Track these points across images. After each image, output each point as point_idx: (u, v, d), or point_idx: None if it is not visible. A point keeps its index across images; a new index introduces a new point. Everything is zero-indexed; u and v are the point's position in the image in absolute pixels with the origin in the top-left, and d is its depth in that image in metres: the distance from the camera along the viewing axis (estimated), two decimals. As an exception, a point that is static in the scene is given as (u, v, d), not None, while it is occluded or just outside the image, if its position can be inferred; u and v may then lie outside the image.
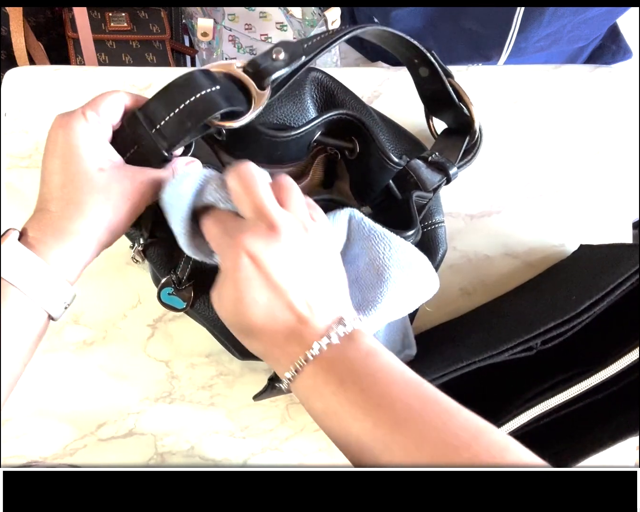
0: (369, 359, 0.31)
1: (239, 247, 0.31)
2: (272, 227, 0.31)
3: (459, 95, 0.48)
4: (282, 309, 0.31)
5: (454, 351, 0.45)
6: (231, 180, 0.33)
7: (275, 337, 0.32)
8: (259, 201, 0.32)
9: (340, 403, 0.30)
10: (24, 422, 0.51)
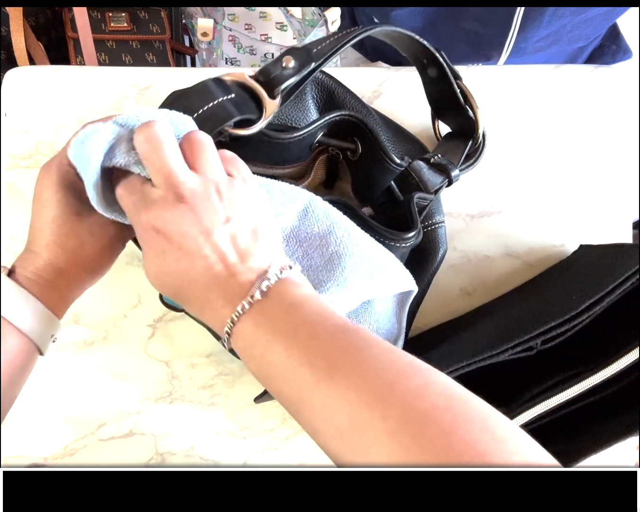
0: (292, 313, 0.30)
1: (146, 223, 0.31)
2: (180, 198, 0.30)
3: (465, 98, 0.48)
4: (202, 272, 0.31)
5: (454, 350, 0.45)
6: (137, 143, 0.31)
7: (203, 300, 0.31)
8: (166, 169, 0.30)
9: (269, 365, 0.30)
10: (24, 422, 0.51)
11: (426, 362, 0.45)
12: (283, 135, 0.40)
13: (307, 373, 0.28)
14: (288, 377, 0.29)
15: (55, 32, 0.94)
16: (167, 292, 0.33)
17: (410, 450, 0.25)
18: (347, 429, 0.27)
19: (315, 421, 0.28)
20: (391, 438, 0.25)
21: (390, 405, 0.26)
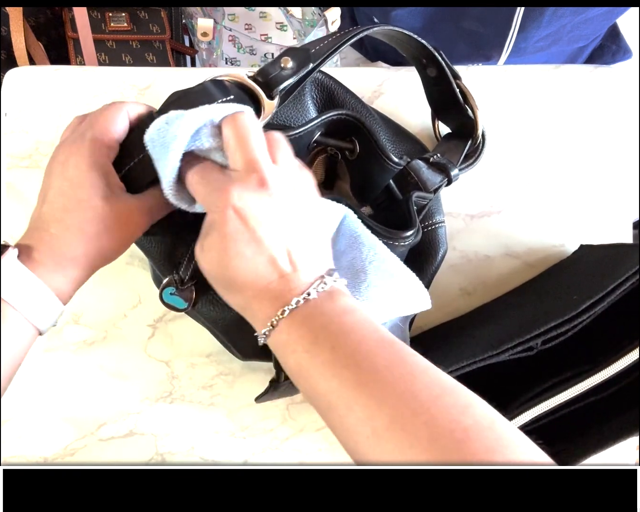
0: (344, 317, 0.31)
1: (227, 200, 0.31)
2: (262, 183, 0.31)
3: (465, 97, 0.48)
4: (265, 264, 0.31)
5: (454, 350, 0.45)
6: (226, 129, 0.32)
7: (256, 291, 0.32)
8: (252, 154, 0.31)
9: (311, 360, 0.30)
10: (24, 422, 0.51)
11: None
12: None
13: (351, 373, 0.29)
14: (329, 375, 0.29)
15: (55, 32, 0.94)
16: (221, 279, 0.33)
17: (452, 457, 0.26)
18: (385, 429, 0.27)
19: (351, 419, 0.29)
20: (433, 443, 0.26)
21: (435, 415, 0.27)
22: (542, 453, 0.27)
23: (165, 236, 0.42)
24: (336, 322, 0.31)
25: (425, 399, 0.28)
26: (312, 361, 0.30)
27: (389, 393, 0.28)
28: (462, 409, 0.28)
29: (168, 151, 0.32)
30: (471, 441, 0.26)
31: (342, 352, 0.30)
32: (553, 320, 0.41)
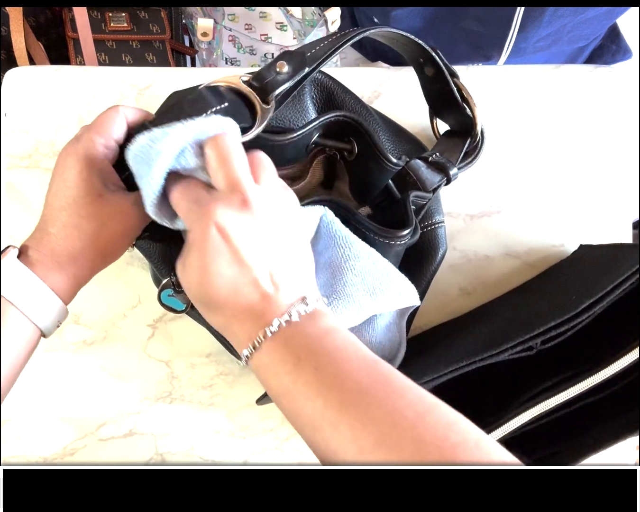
0: (326, 338, 0.31)
1: (209, 218, 0.31)
2: (245, 203, 0.31)
3: (463, 95, 0.48)
4: (247, 285, 0.31)
5: (454, 350, 0.45)
6: (208, 150, 0.32)
7: (237, 312, 0.31)
8: (234, 175, 0.31)
9: (295, 382, 0.30)
10: (24, 422, 0.51)
11: (425, 362, 0.45)
12: (278, 137, 0.40)
13: (335, 394, 0.29)
14: (313, 396, 0.29)
15: (55, 32, 0.94)
16: (201, 298, 0.33)
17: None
18: (371, 448, 0.27)
19: (336, 439, 0.29)
20: (421, 460, 0.26)
21: (422, 433, 0.27)
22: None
23: (163, 238, 0.42)
24: (318, 344, 0.31)
25: (410, 416, 0.28)
26: (295, 383, 0.30)
27: (375, 412, 0.28)
28: (449, 426, 0.28)
29: (151, 169, 0.32)
30: (459, 458, 0.26)
31: (326, 372, 0.30)
32: (552, 320, 0.41)
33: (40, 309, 0.34)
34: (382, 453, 0.27)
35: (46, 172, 0.53)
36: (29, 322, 0.34)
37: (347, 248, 0.39)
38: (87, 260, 0.35)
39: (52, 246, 0.34)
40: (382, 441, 0.27)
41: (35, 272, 0.33)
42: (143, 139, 0.32)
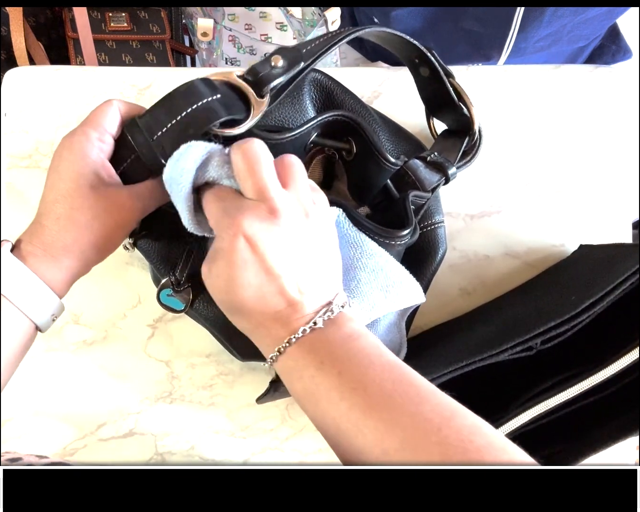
0: (350, 342, 0.31)
1: (237, 228, 0.31)
2: (273, 211, 0.31)
3: (459, 95, 0.48)
4: (274, 293, 0.31)
5: (454, 350, 0.45)
6: (235, 157, 0.33)
7: (263, 318, 0.32)
8: (261, 183, 0.31)
9: (318, 386, 0.30)
10: (24, 422, 0.51)
11: (426, 361, 0.45)
12: (276, 136, 0.40)
13: (359, 397, 0.29)
14: (337, 399, 0.30)
15: (55, 32, 0.94)
16: (228, 304, 0.33)
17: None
18: (395, 450, 0.28)
19: (360, 442, 0.29)
20: (446, 462, 0.27)
21: (447, 435, 0.27)
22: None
23: (161, 237, 0.42)
24: (342, 349, 0.31)
25: (435, 420, 0.28)
26: (319, 386, 0.30)
27: (399, 415, 0.28)
28: (473, 430, 0.28)
29: (180, 183, 0.33)
30: (484, 461, 0.26)
31: (349, 377, 0.30)
32: (552, 320, 0.41)
33: (34, 302, 0.34)
34: (407, 455, 0.27)
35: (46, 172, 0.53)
36: (23, 316, 0.34)
37: (360, 247, 0.39)
38: (81, 252, 0.35)
39: (45, 239, 0.34)
40: (407, 443, 0.28)
41: (28, 265, 0.34)
42: (171, 160, 0.33)
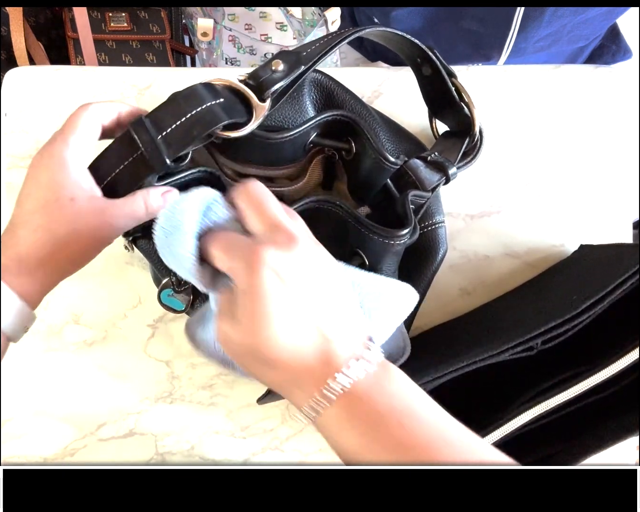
0: (387, 400, 0.29)
1: (258, 262, 0.29)
2: (292, 238, 0.30)
3: (460, 95, 0.48)
4: (307, 326, 0.29)
5: (454, 351, 0.45)
6: (240, 198, 0.32)
7: (295, 372, 0.30)
8: (273, 215, 0.31)
9: (355, 443, 0.29)
10: (24, 422, 0.51)
11: (426, 362, 0.45)
12: (274, 135, 0.40)
13: (400, 455, 0.28)
14: (376, 453, 0.29)
15: (55, 32, 0.94)
16: (255, 352, 0.30)
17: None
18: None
19: None
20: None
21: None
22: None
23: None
24: (380, 406, 0.29)
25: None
26: (357, 443, 0.29)
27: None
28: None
29: (180, 230, 0.32)
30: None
31: (389, 435, 0.29)
32: (553, 320, 0.41)
33: (8, 316, 0.33)
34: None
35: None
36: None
37: (357, 278, 0.38)
38: (56, 265, 0.34)
39: (20, 250, 0.33)
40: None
41: (3, 280, 0.32)
42: (165, 211, 0.33)
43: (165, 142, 0.34)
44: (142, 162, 0.34)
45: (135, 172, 0.35)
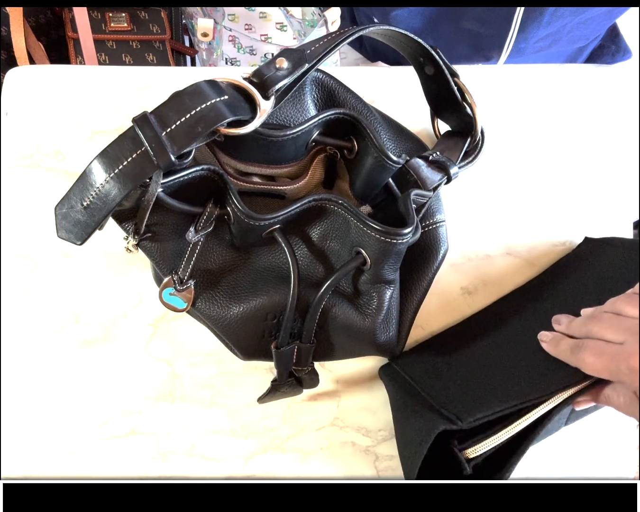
0: None
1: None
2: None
3: (463, 95, 0.48)
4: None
5: (482, 391, 0.42)
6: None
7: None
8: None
9: None
10: (23, 422, 0.50)
11: (465, 393, 0.42)
12: (276, 133, 0.40)
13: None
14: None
15: (55, 32, 0.94)
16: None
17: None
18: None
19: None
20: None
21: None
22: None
23: (164, 236, 0.42)
24: None
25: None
26: None
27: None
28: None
29: None
30: None
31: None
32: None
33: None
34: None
35: (47, 172, 0.53)
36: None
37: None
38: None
39: None
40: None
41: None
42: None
43: (170, 138, 0.34)
44: (146, 158, 0.34)
45: (139, 168, 0.34)
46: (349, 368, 0.53)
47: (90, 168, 0.35)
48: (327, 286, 0.42)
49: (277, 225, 0.42)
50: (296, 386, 0.48)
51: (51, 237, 0.51)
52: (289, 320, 0.42)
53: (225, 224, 0.43)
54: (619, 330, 0.36)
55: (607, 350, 0.36)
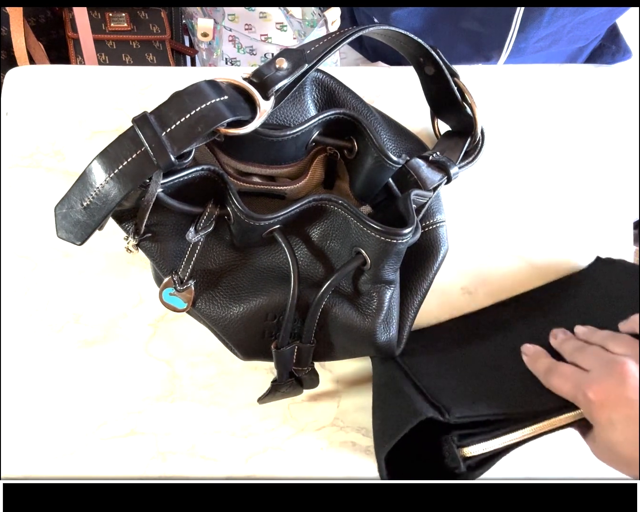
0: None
1: (623, 372, 0.33)
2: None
3: (463, 95, 0.48)
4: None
5: (490, 390, 0.43)
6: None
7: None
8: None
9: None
10: (24, 422, 0.50)
11: (455, 387, 0.43)
12: (277, 133, 0.40)
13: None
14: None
15: (55, 32, 0.94)
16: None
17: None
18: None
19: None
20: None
21: None
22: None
23: (164, 236, 0.42)
24: None
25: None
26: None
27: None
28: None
29: None
30: None
31: None
32: None
33: None
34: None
35: (47, 172, 0.53)
36: None
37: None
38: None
39: None
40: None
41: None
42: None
43: (170, 138, 0.34)
44: (146, 158, 0.34)
45: (139, 169, 0.34)
46: (349, 368, 0.53)
47: (90, 168, 0.35)
48: (327, 286, 0.42)
49: (277, 225, 0.42)
50: (296, 386, 0.48)
51: (51, 237, 0.51)
52: (289, 320, 0.42)
53: (225, 224, 0.43)
54: (591, 359, 0.37)
55: (574, 376, 0.37)
